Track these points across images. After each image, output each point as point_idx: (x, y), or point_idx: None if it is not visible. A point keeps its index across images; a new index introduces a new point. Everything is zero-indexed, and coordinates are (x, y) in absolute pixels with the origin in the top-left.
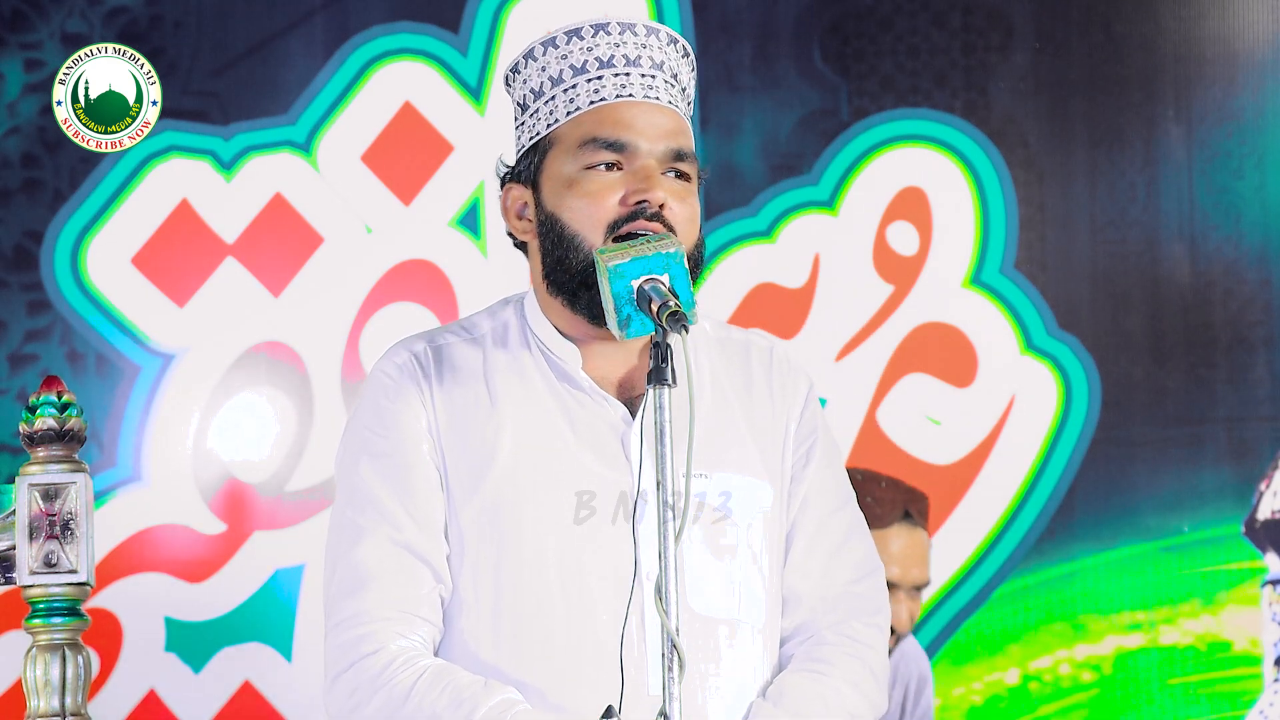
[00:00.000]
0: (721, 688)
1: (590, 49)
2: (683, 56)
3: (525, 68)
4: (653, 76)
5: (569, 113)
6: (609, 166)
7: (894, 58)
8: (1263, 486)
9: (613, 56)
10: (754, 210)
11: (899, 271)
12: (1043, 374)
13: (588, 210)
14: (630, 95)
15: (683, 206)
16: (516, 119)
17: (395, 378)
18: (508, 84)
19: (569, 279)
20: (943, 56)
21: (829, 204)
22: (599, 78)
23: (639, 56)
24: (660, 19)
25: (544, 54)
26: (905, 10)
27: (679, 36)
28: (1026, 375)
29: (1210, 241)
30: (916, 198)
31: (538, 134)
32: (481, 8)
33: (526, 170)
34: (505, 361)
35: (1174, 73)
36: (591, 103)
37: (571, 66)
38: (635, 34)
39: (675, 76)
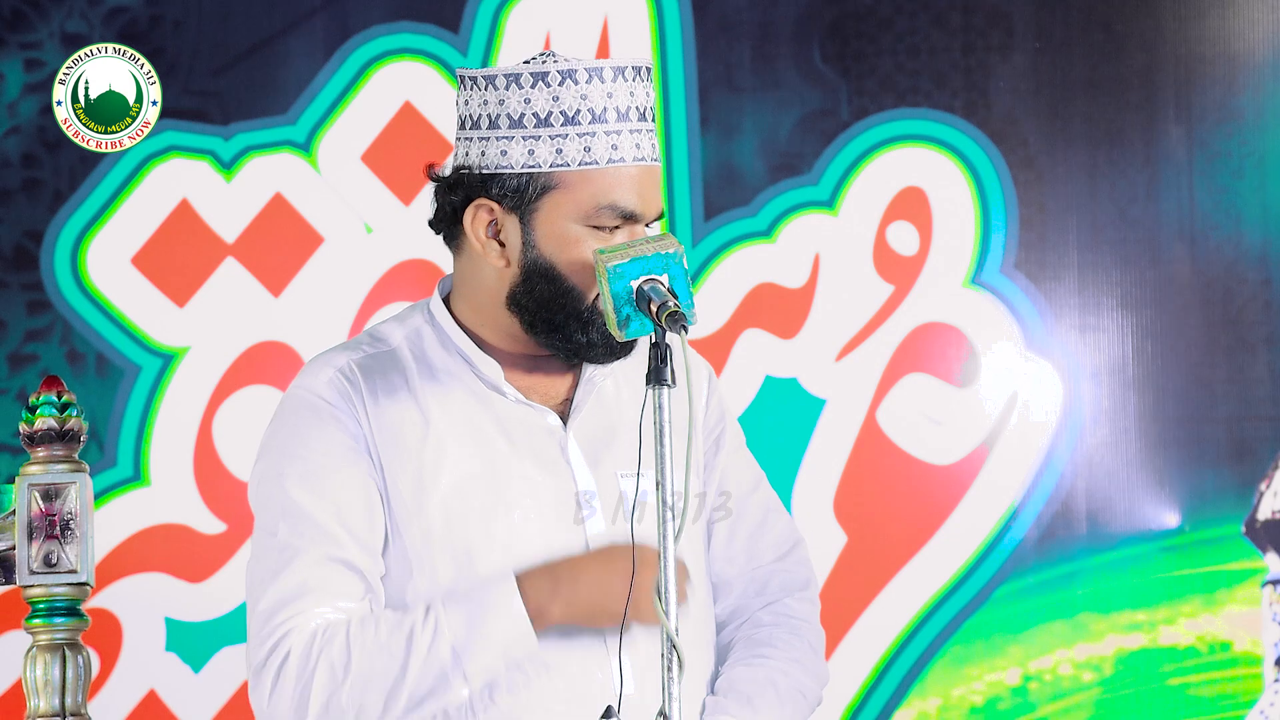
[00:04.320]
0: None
1: (610, 94)
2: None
3: (505, 88)
4: (651, 132)
5: (583, 162)
6: (613, 229)
7: (894, 58)
8: (1263, 486)
9: (629, 108)
10: (754, 210)
11: (899, 271)
12: (1043, 374)
13: (591, 269)
14: (641, 159)
15: None
16: (479, 126)
17: (324, 395)
18: (477, 86)
19: (549, 324)
20: (943, 56)
21: (829, 204)
22: (616, 132)
23: (646, 109)
24: (660, 19)
25: (533, 86)
26: (905, 10)
27: (650, 65)
28: (1027, 375)
29: (1210, 241)
30: (916, 198)
31: (536, 166)
32: (481, 8)
33: (515, 198)
34: (429, 372)
35: (1174, 73)
36: (610, 160)
37: (590, 110)
38: (643, 80)
39: (654, 117)
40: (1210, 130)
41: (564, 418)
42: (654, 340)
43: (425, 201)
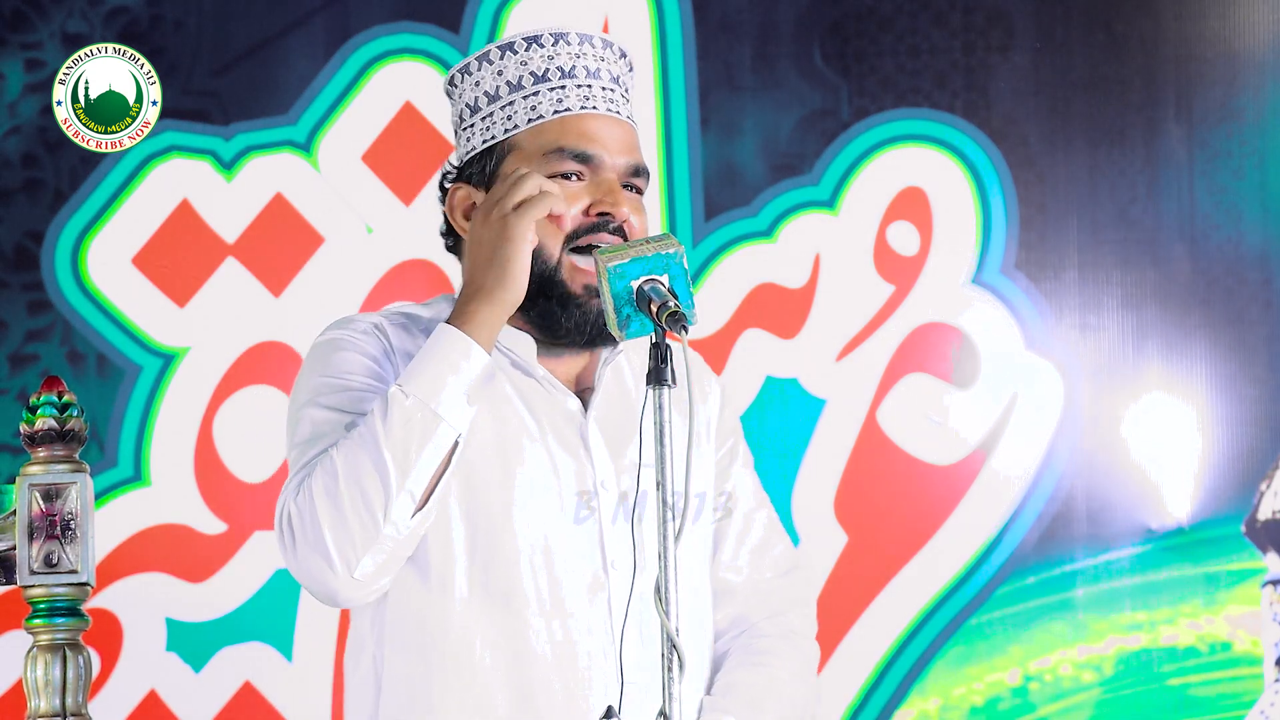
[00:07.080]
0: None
1: (551, 58)
2: (630, 72)
3: (478, 70)
4: (612, 90)
5: (530, 120)
6: (570, 176)
7: (894, 58)
8: (1263, 486)
9: (574, 67)
10: (754, 210)
11: (899, 271)
12: (1044, 373)
13: (549, 219)
14: (594, 108)
15: (640, 220)
16: (463, 120)
17: (354, 337)
18: (452, 84)
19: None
20: (943, 56)
21: (829, 204)
22: (561, 87)
23: (598, 69)
24: (660, 19)
25: (501, 58)
26: (905, 10)
27: (627, 51)
28: (1028, 375)
29: (1210, 241)
30: (917, 198)
31: (493, 138)
32: (481, 8)
33: (479, 173)
34: None
35: (1174, 73)
36: (555, 112)
37: (532, 74)
38: (593, 46)
39: (627, 91)
40: (1210, 130)
41: (584, 406)
42: (654, 340)
43: (425, 201)
